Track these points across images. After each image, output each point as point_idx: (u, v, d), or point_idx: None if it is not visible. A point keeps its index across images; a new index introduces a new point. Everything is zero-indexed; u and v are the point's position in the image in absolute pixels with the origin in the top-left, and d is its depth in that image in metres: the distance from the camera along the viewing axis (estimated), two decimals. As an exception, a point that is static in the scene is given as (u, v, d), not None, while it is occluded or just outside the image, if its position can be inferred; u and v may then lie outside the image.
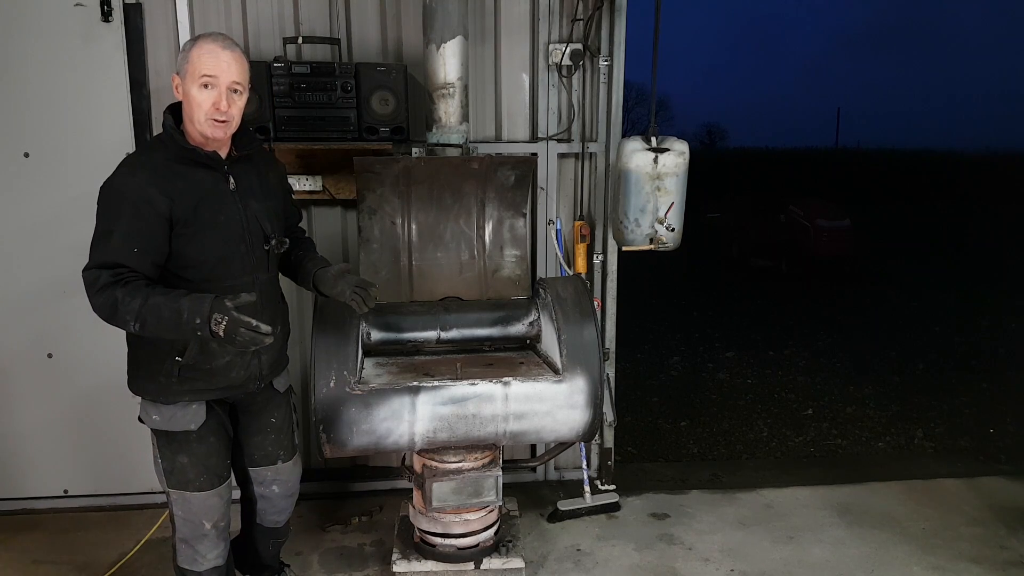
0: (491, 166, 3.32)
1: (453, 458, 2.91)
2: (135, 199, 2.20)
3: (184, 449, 2.43)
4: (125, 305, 2.15)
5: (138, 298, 2.15)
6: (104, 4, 3.42)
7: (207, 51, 2.23)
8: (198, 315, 2.10)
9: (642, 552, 3.48)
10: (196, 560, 2.56)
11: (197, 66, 2.23)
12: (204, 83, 2.23)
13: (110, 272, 2.17)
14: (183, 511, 2.50)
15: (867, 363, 6.99)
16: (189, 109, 2.27)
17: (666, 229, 3.37)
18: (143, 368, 2.42)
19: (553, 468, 4.14)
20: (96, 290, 2.17)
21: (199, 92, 2.23)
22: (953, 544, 3.53)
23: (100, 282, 2.16)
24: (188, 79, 2.24)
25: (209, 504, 2.50)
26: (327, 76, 3.31)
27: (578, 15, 3.67)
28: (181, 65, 2.26)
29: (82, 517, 3.74)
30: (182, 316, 2.12)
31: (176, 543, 2.58)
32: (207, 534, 2.53)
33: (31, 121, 3.49)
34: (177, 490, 2.47)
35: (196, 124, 2.27)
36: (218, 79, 2.24)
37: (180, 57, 2.28)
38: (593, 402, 2.81)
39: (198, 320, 2.10)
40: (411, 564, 3.06)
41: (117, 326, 2.21)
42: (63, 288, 3.62)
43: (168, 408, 2.40)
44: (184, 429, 2.41)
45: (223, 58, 2.24)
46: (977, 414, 5.68)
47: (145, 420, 2.46)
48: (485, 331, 3.15)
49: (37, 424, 3.71)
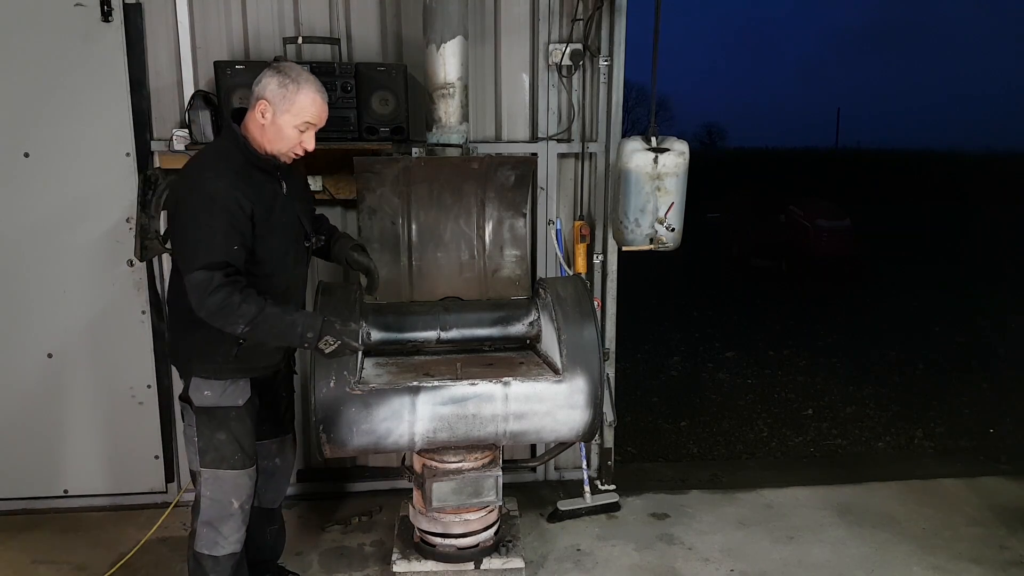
0: (491, 166, 3.32)
1: (453, 458, 2.91)
2: (226, 202, 2.36)
3: (224, 426, 2.59)
4: (241, 309, 2.35)
5: (254, 306, 2.37)
6: (104, 4, 3.42)
7: (314, 102, 2.47)
8: (311, 330, 2.45)
9: (642, 552, 3.48)
10: (217, 543, 2.64)
11: (303, 112, 2.45)
12: (302, 128, 2.47)
13: (223, 273, 2.34)
14: (212, 491, 2.61)
15: (867, 363, 6.99)
16: (275, 136, 2.46)
17: (666, 229, 3.37)
18: (199, 349, 2.56)
19: (553, 468, 4.14)
20: (211, 290, 2.32)
21: (293, 131, 2.46)
22: (953, 544, 3.53)
23: (215, 282, 2.33)
24: (286, 116, 2.44)
25: (239, 483, 2.63)
26: (327, 76, 3.30)
27: (578, 15, 3.67)
28: (279, 100, 2.43)
29: (82, 517, 3.74)
30: (296, 329, 2.45)
31: (197, 528, 2.64)
32: (233, 514, 2.64)
33: (31, 121, 3.49)
34: (211, 468, 2.60)
35: (276, 150, 2.48)
36: (316, 126, 2.52)
37: (279, 91, 2.43)
38: (593, 402, 2.81)
39: (310, 334, 2.45)
40: (411, 564, 3.06)
41: (220, 325, 2.39)
42: (63, 288, 3.62)
43: (220, 384, 2.57)
44: (233, 404, 2.59)
45: (324, 110, 2.51)
46: (977, 414, 5.68)
47: (195, 399, 2.58)
48: (485, 331, 3.15)
49: (37, 424, 3.71)
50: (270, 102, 2.43)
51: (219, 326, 2.38)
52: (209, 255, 2.33)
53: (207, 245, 2.34)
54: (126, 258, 3.61)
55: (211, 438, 2.58)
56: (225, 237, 2.36)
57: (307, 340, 2.45)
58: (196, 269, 2.32)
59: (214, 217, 2.34)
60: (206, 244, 2.34)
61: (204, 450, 2.59)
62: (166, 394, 3.77)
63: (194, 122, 3.33)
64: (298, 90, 2.43)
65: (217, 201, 2.35)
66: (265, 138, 2.47)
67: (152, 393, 3.75)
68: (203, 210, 2.35)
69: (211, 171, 2.41)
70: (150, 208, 3.35)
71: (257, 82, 2.47)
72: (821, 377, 6.63)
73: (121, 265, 3.63)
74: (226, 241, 2.36)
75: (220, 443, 2.58)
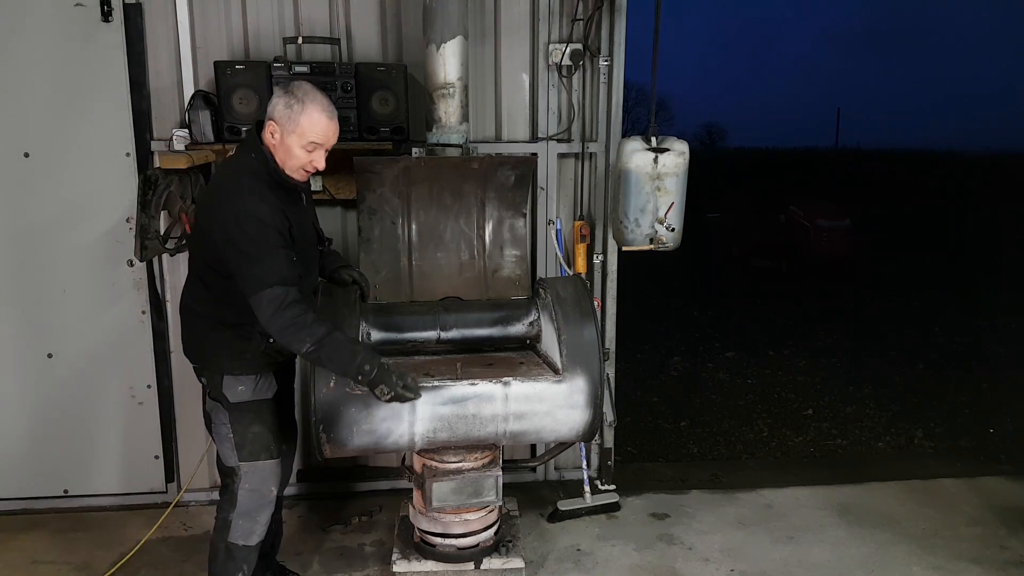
0: (491, 166, 3.32)
1: (453, 458, 2.91)
2: (274, 223, 2.44)
3: (259, 419, 2.69)
4: (311, 329, 2.42)
5: (323, 327, 2.44)
6: (104, 4, 3.42)
7: (318, 122, 2.48)
8: (368, 363, 2.46)
9: (642, 552, 3.48)
10: (253, 532, 2.74)
11: (307, 132, 2.47)
12: (309, 148, 2.49)
13: (297, 289, 2.44)
14: (252, 482, 2.70)
15: (867, 363, 6.99)
16: (284, 155, 2.51)
17: (666, 229, 3.37)
18: (227, 348, 2.63)
19: (553, 468, 4.14)
20: (285, 305, 2.39)
21: (300, 151, 2.50)
22: (953, 544, 3.53)
23: (290, 297, 2.40)
24: (292, 136, 2.47)
25: (276, 472, 2.76)
26: (327, 76, 3.31)
27: (578, 15, 3.67)
28: (286, 121, 2.46)
29: (82, 517, 3.74)
30: (355, 360, 2.46)
31: (232, 520, 2.71)
32: (271, 501, 2.77)
33: (31, 121, 3.49)
34: (249, 461, 2.68)
35: (286, 168, 2.53)
36: (323, 146, 2.53)
37: (285, 111, 2.46)
38: (593, 402, 2.81)
39: (367, 367, 2.46)
40: (411, 564, 3.06)
41: (286, 341, 2.44)
42: (63, 288, 3.62)
43: (253, 379, 2.67)
44: (265, 397, 2.70)
45: (331, 130, 2.52)
46: (977, 414, 5.68)
47: (230, 396, 2.65)
48: (485, 331, 3.14)
49: (37, 424, 3.71)
50: (277, 123, 2.48)
51: (285, 342, 2.44)
52: (279, 271, 2.41)
53: (273, 263, 2.41)
54: (126, 258, 3.61)
55: (246, 432, 2.67)
56: (285, 251, 2.46)
57: (362, 373, 2.47)
58: (271, 285, 2.39)
59: (270, 237, 2.42)
60: (271, 261, 2.41)
61: (241, 444, 2.67)
62: (166, 394, 3.77)
63: (194, 122, 3.33)
64: (303, 110, 2.46)
65: (267, 223, 2.42)
66: (277, 157, 2.53)
67: (152, 393, 3.75)
68: (259, 232, 2.41)
69: (251, 194, 2.46)
70: (150, 208, 3.35)
71: (269, 102, 2.53)
72: (821, 377, 6.64)
73: (121, 265, 3.63)
74: (287, 254, 2.46)
75: (256, 435, 2.68)
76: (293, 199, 2.62)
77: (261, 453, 2.69)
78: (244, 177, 2.51)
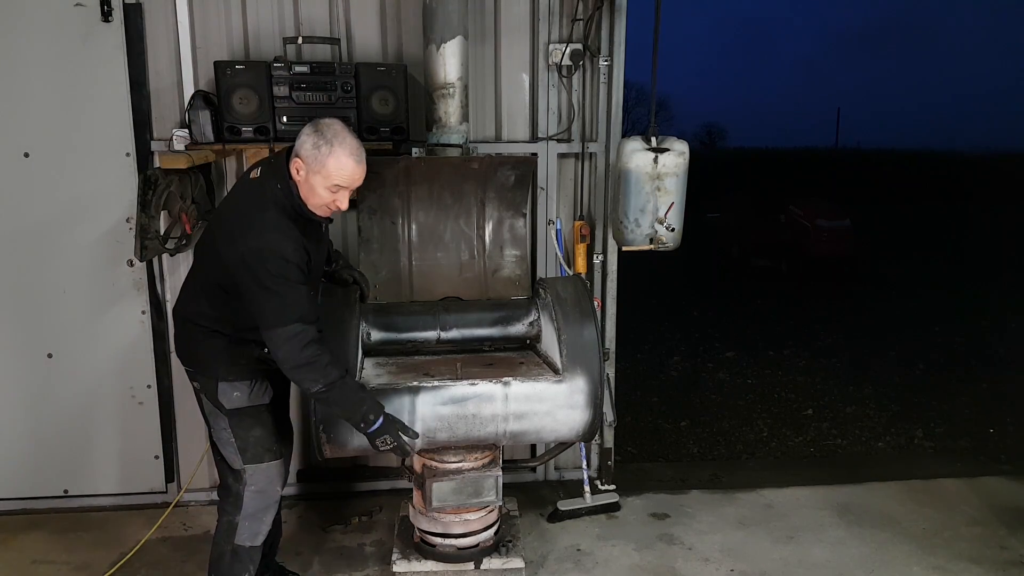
0: (491, 166, 3.32)
1: (453, 458, 2.91)
2: (296, 261, 2.44)
3: (259, 422, 2.69)
4: (327, 370, 2.43)
5: (336, 371, 2.45)
6: (104, 4, 3.42)
7: (345, 167, 2.44)
8: (372, 413, 2.49)
9: (642, 552, 3.48)
10: (259, 533, 2.76)
11: (332, 175, 2.44)
12: (333, 190, 2.47)
13: (316, 328, 2.45)
14: (258, 484, 2.71)
15: (867, 363, 6.99)
16: (307, 193, 2.49)
17: (666, 229, 3.37)
18: (224, 356, 2.63)
19: (553, 468, 4.14)
20: (305, 343, 2.40)
21: (324, 191, 2.47)
22: (953, 544, 3.53)
23: (309, 335, 2.41)
24: (318, 177, 2.44)
25: (281, 472, 2.78)
26: (327, 76, 3.31)
27: (578, 15, 3.67)
28: (312, 160, 2.43)
29: (82, 517, 3.74)
30: (361, 408, 2.49)
31: (239, 522, 2.72)
32: (277, 501, 2.80)
33: (31, 121, 3.49)
34: (253, 464, 2.69)
35: (309, 204, 2.51)
36: (348, 188, 2.51)
37: (312, 152, 2.42)
38: (593, 402, 2.81)
39: (371, 416, 2.49)
40: (411, 564, 3.06)
41: (298, 378, 2.47)
42: (63, 288, 3.62)
43: (248, 384, 2.66)
44: (263, 402, 2.70)
45: (357, 174, 2.49)
46: (977, 414, 5.68)
47: (225, 403, 2.65)
48: (485, 331, 3.15)
49: (37, 424, 3.71)
50: (304, 161, 2.45)
51: (297, 379, 2.47)
52: (299, 308, 2.42)
53: (293, 300, 2.41)
54: (126, 258, 3.61)
55: (247, 436, 2.68)
56: (306, 292, 2.48)
57: (366, 422, 2.49)
58: (290, 323, 2.39)
59: (292, 275, 2.42)
60: (291, 299, 2.41)
61: (244, 448, 2.68)
62: (166, 394, 3.77)
63: (194, 122, 3.33)
64: (330, 152, 2.42)
65: (290, 261, 2.42)
66: (302, 193, 2.50)
67: (152, 393, 3.75)
68: (281, 270, 2.40)
69: (276, 230, 2.43)
70: (150, 208, 3.35)
71: (298, 136, 2.49)
72: (821, 377, 6.64)
73: (121, 265, 3.63)
74: (307, 295, 2.48)
75: (258, 439, 2.69)
76: (313, 230, 2.62)
77: (265, 455, 2.70)
78: (270, 210, 2.47)
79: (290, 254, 2.42)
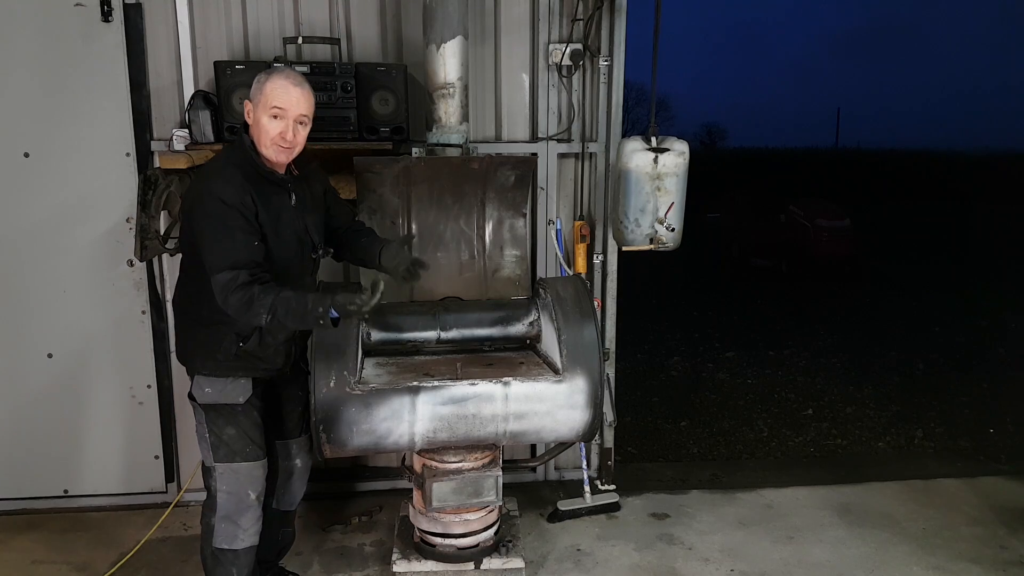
0: (491, 166, 3.31)
1: (453, 458, 2.91)
2: (238, 204, 2.43)
3: (232, 421, 2.65)
4: (260, 300, 2.39)
5: (271, 294, 2.40)
6: (104, 4, 3.42)
7: (279, 86, 2.48)
8: (320, 304, 2.40)
9: (642, 552, 3.48)
10: (236, 537, 2.68)
11: (269, 98, 2.47)
12: (274, 114, 2.48)
13: (247, 272, 2.40)
14: (228, 484, 2.66)
15: (867, 363, 6.99)
16: (258, 134, 2.51)
17: (666, 229, 3.37)
18: (201, 348, 2.62)
19: (553, 468, 4.14)
20: (235, 288, 2.38)
21: (269, 121, 2.48)
22: (953, 544, 3.53)
23: (239, 280, 2.38)
24: (260, 109, 2.49)
25: (254, 475, 2.70)
26: (327, 76, 3.30)
27: (578, 15, 3.67)
28: (255, 95, 2.50)
29: (82, 517, 3.74)
30: (309, 306, 2.40)
31: (215, 523, 2.68)
32: (251, 506, 2.69)
33: (31, 121, 3.49)
34: (224, 463, 2.65)
35: (263, 148, 2.52)
36: (287, 112, 2.49)
37: (254, 87, 2.51)
38: (593, 402, 2.81)
39: (321, 309, 2.39)
40: (411, 564, 3.06)
41: (248, 320, 2.45)
42: (63, 288, 3.62)
43: (220, 381, 2.63)
44: (233, 402, 2.63)
45: (293, 94, 2.49)
46: (977, 414, 5.68)
47: (197, 396, 2.65)
48: (485, 331, 3.15)
49: (37, 424, 3.71)
50: (250, 100, 2.53)
51: (246, 321, 2.45)
52: (232, 255, 2.40)
53: (227, 246, 2.41)
54: (126, 258, 3.61)
55: (221, 434, 2.65)
56: (244, 235, 2.43)
57: (318, 315, 2.41)
58: (222, 270, 2.39)
59: (229, 218, 2.41)
60: (226, 245, 2.41)
61: (216, 446, 2.65)
62: (166, 394, 3.77)
63: (194, 122, 3.33)
64: (267, 79, 2.49)
65: (229, 203, 2.42)
66: (259, 142, 2.51)
67: (152, 393, 3.75)
68: (218, 214, 2.42)
69: (220, 177, 2.48)
70: (150, 208, 3.35)
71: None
72: (821, 377, 6.63)
73: (121, 265, 3.63)
74: (245, 239, 2.43)
75: (231, 438, 2.65)
76: (276, 193, 2.57)
77: (236, 455, 2.65)
78: (219, 165, 2.54)
79: (229, 197, 2.42)
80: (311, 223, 2.72)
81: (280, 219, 2.57)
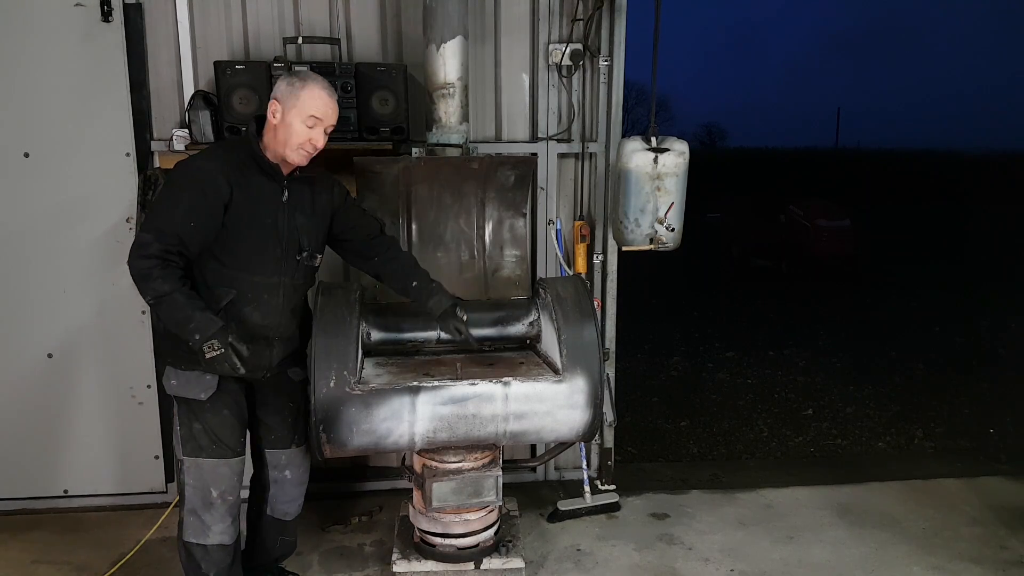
0: (491, 166, 3.32)
1: (453, 458, 2.91)
2: (204, 180, 2.45)
3: (198, 417, 2.65)
4: (156, 282, 2.38)
5: (168, 285, 2.39)
6: (104, 4, 3.42)
7: (318, 96, 2.53)
8: (199, 332, 2.39)
9: (642, 552, 3.48)
10: (204, 532, 2.68)
11: (308, 106, 2.51)
12: (311, 124, 2.52)
13: (161, 246, 2.38)
14: (194, 479, 2.67)
15: (867, 363, 6.99)
16: (284, 135, 2.53)
17: (666, 229, 3.37)
18: (171, 338, 2.58)
19: (553, 468, 4.14)
20: (142, 254, 2.38)
21: (302, 127, 2.52)
22: (953, 544, 3.53)
23: (150, 250, 2.38)
24: (293, 111, 2.51)
25: (219, 473, 2.67)
26: (327, 76, 3.27)
27: (578, 15, 3.67)
28: (287, 97, 2.51)
29: (82, 517, 3.74)
30: (189, 324, 2.39)
31: (184, 516, 2.69)
32: (214, 503, 2.67)
33: (31, 121, 3.49)
34: (190, 457, 2.66)
35: (287, 149, 2.54)
36: (322, 122, 2.55)
37: (287, 89, 2.52)
38: (593, 402, 2.81)
39: (197, 336, 2.39)
40: (411, 564, 3.06)
41: (138, 289, 2.43)
42: (63, 288, 3.62)
43: (184, 375, 2.62)
44: (195, 397, 2.62)
45: (330, 106, 2.57)
46: (977, 414, 5.68)
47: (165, 386, 2.68)
48: (485, 331, 3.14)
49: (37, 424, 3.71)
50: (279, 101, 2.53)
51: (139, 290, 2.43)
52: (164, 223, 2.41)
53: (166, 214, 2.43)
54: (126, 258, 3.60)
55: (190, 427, 2.66)
56: (187, 212, 2.42)
57: (193, 341, 2.39)
58: (147, 231, 2.41)
59: (186, 191, 2.44)
60: (166, 213, 2.43)
61: (185, 439, 2.67)
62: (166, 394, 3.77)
63: (194, 122, 3.33)
64: (303, 86, 2.52)
65: (197, 177, 2.45)
66: (278, 139, 2.54)
67: (152, 393, 3.75)
68: (180, 182, 2.47)
69: (206, 155, 2.54)
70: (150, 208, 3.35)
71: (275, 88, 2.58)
72: (821, 377, 6.64)
73: (121, 265, 3.58)
74: (186, 216, 2.42)
75: (197, 432, 2.65)
76: (267, 183, 2.56)
77: (202, 451, 2.65)
78: (213, 147, 2.58)
79: (201, 171, 2.45)
80: (303, 224, 2.66)
81: (260, 206, 2.55)
